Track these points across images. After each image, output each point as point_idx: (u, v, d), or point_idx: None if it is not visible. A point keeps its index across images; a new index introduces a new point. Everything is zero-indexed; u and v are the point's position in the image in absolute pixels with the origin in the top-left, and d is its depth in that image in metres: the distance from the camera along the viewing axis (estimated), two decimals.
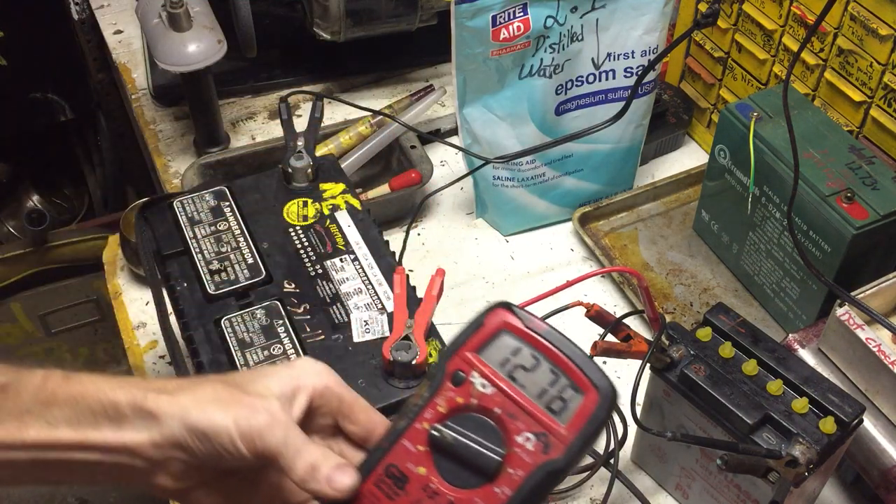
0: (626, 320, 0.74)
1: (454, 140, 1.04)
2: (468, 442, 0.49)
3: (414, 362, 0.68)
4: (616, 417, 0.84)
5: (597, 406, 0.48)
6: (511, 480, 0.48)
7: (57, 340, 1.79)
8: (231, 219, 0.81)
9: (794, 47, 0.99)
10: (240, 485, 0.54)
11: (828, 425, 0.68)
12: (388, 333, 0.72)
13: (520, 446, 0.48)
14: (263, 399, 0.51)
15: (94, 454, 0.50)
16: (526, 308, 0.51)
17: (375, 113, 1.08)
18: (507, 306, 0.50)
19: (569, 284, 0.66)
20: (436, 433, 0.49)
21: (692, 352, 0.73)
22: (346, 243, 0.80)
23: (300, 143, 0.87)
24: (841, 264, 0.85)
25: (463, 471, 0.49)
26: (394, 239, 0.99)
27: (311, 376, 0.54)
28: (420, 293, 0.74)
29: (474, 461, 0.48)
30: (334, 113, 1.20)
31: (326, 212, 0.82)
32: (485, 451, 0.48)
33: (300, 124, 0.93)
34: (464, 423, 0.49)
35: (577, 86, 1.01)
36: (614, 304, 1.02)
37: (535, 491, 0.47)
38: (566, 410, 0.48)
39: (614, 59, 1.00)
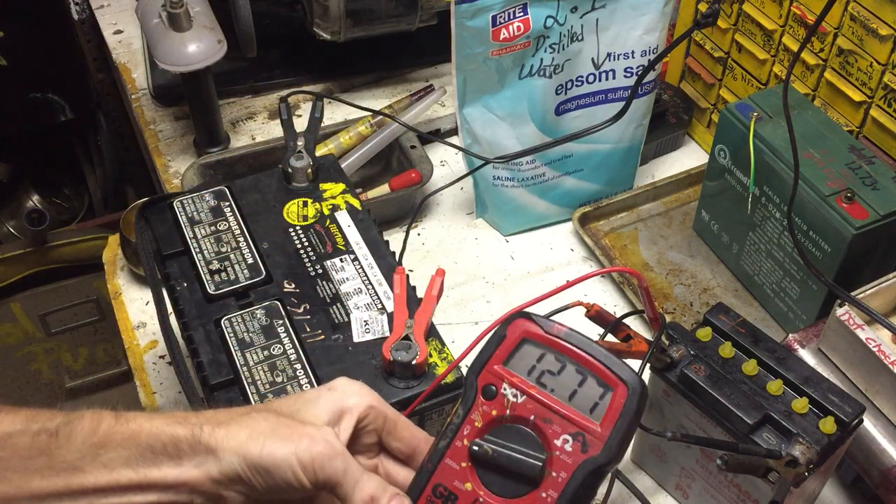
0: (626, 320, 0.74)
1: (454, 140, 1.04)
2: (508, 452, 0.50)
3: (414, 362, 0.68)
4: None
5: (627, 399, 0.49)
6: (555, 483, 0.49)
7: (57, 340, 1.79)
8: (231, 219, 0.81)
9: (794, 47, 0.99)
10: None
11: (828, 425, 0.68)
12: (388, 333, 0.72)
13: (559, 449, 0.50)
14: (319, 429, 0.52)
15: (152, 494, 0.50)
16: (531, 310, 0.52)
17: (375, 113, 1.08)
18: (525, 315, 0.52)
19: (569, 285, 0.66)
20: (476, 448, 0.51)
21: (692, 352, 0.73)
22: (346, 243, 0.80)
23: (300, 143, 0.87)
24: (841, 264, 0.85)
25: (508, 481, 0.50)
26: (394, 239, 0.99)
27: (353, 397, 0.55)
28: (420, 293, 0.74)
29: (517, 469, 0.50)
30: (334, 113, 1.20)
31: (326, 212, 0.82)
32: (526, 458, 0.50)
33: (300, 124, 0.93)
34: (502, 434, 0.51)
35: (577, 86, 1.01)
36: (614, 304, 1.02)
37: (580, 490, 0.49)
38: (598, 408, 0.49)
39: (614, 59, 1.00)
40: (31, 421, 0.50)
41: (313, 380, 0.69)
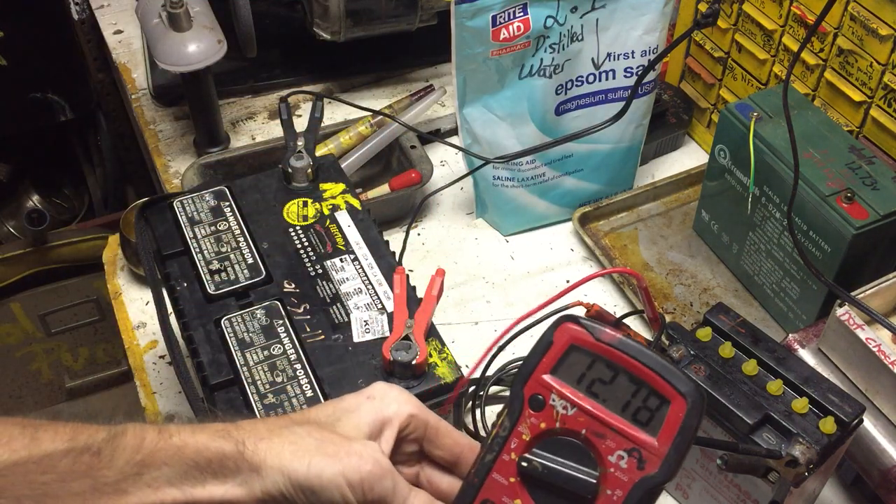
0: (626, 320, 0.74)
1: (454, 140, 1.04)
2: (560, 467, 0.48)
3: (414, 362, 0.68)
4: None
5: (686, 413, 0.46)
6: (610, 501, 0.47)
7: (57, 340, 1.79)
8: (231, 219, 0.81)
9: (794, 47, 0.99)
10: None
11: (828, 425, 0.68)
12: (388, 333, 0.72)
13: (613, 465, 0.47)
14: (365, 444, 0.50)
15: None
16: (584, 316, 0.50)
17: (375, 113, 1.08)
18: (572, 319, 0.49)
19: (571, 288, 0.66)
20: (525, 463, 0.48)
21: (692, 352, 0.73)
22: (346, 243, 0.80)
23: (300, 143, 0.87)
24: (841, 264, 0.85)
25: (559, 498, 0.48)
26: (394, 239, 0.99)
27: (393, 405, 0.53)
28: (420, 293, 0.74)
29: (569, 487, 0.47)
30: (334, 113, 1.20)
31: (326, 212, 0.82)
32: (578, 474, 0.47)
33: (300, 124, 0.93)
34: (552, 448, 0.48)
35: (577, 86, 1.01)
36: (614, 304, 1.02)
37: None
38: (654, 421, 0.46)
39: (614, 59, 1.00)
40: (75, 439, 0.48)
41: (313, 380, 0.69)
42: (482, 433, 0.87)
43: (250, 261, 0.78)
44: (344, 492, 0.48)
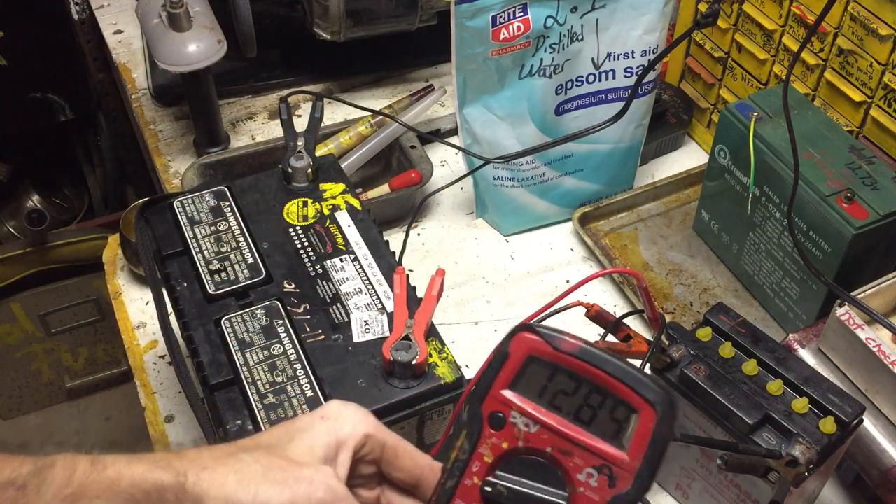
0: (626, 320, 0.74)
1: (454, 140, 1.04)
2: (526, 490, 0.44)
3: (414, 362, 0.68)
4: None
5: (656, 423, 0.42)
6: None
7: (57, 340, 1.79)
8: (231, 219, 0.81)
9: (794, 47, 0.99)
10: None
11: (828, 425, 0.68)
12: (388, 333, 0.72)
13: (583, 484, 0.44)
14: (317, 470, 0.46)
15: None
16: (541, 323, 0.47)
17: (375, 113, 1.08)
18: (528, 329, 0.45)
19: (570, 290, 0.66)
20: (488, 488, 0.45)
21: (692, 352, 0.73)
22: (346, 243, 0.80)
23: (300, 143, 0.87)
24: (841, 264, 0.85)
25: None
26: (394, 239, 0.99)
27: (348, 425, 0.49)
28: (420, 293, 0.74)
29: None
30: (334, 113, 1.20)
31: (326, 212, 0.82)
32: (546, 496, 0.44)
33: (300, 124, 0.93)
34: (516, 469, 0.45)
35: (577, 86, 1.01)
36: (614, 304, 1.02)
37: None
38: (623, 434, 0.43)
39: (614, 59, 1.00)
40: None
41: (313, 380, 0.69)
42: None
43: (250, 261, 0.78)
44: None
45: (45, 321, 1.74)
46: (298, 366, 0.70)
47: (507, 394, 0.45)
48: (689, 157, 1.20)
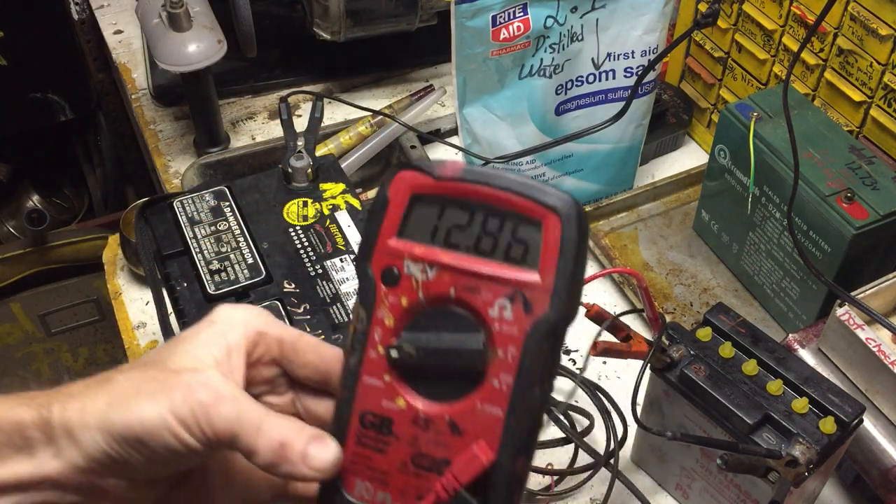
0: (626, 320, 0.74)
1: (454, 140, 1.04)
2: (436, 345, 0.39)
3: None
4: (616, 417, 0.84)
5: (563, 230, 0.37)
6: (506, 365, 0.38)
7: (57, 340, 1.79)
8: (231, 219, 0.81)
9: (794, 47, 0.99)
10: (206, 484, 0.45)
11: (828, 425, 0.68)
12: None
13: (497, 319, 0.38)
14: (196, 373, 0.40)
15: (8, 498, 0.40)
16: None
17: (375, 113, 1.08)
18: (405, 167, 0.40)
19: (586, 255, 0.66)
20: (394, 353, 0.40)
21: (692, 352, 0.73)
22: (346, 243, 0.80)
23: (300, 143, 0.87)
24: (841, 264, 0.85)
25: (447, 380, 0.39)
26: None
27: (236, 326, 0.43)
28: None
29: (453, 362, 0.39)
30: (334, 113, 1.20)
31: (326, 212, 0.82)
32: (460, 345, 0.39)
33: (300, 124, 0.93)
34: (422, 325, 0.40)
35: (577, 86, 1.01)
36: (614, 304, 1.02)
37: (539, 361, 0.38)
38: (530, 252, 0.38)
39: (614, 59, 1.00)
40: None
41: None
42: None
43: (250, 261, 0.78)
44: (176, 431, 0.39)
45: (45, 321, 1.74)
46: None
47: (395, 243, 0.40)
48: (689, 157, 1.20)
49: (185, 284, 0.76)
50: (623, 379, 0.94)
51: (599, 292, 1.03)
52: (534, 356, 0.38)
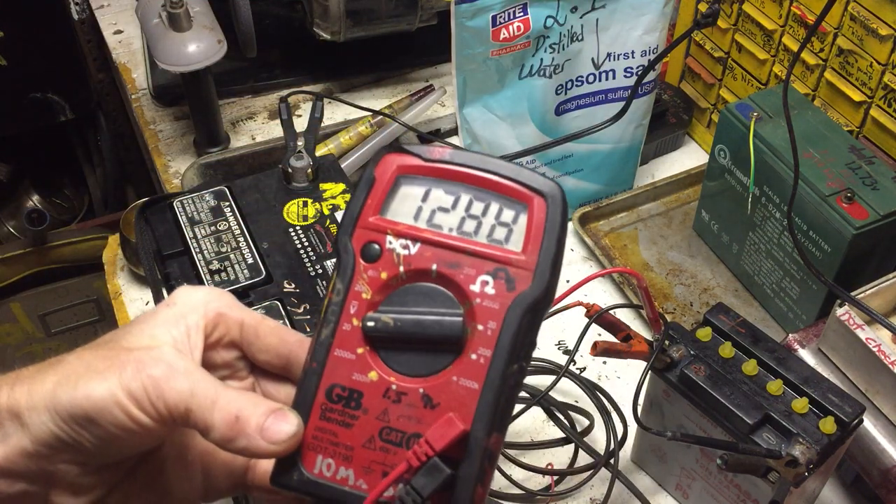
0: (626, 320, 0.74)
1: (454, 140, 1.04)
2: (415, 316, 0.39)
3: None
4: (616, 417, 0.84)
5: (547, 212, 0.39)
6: (486, 338, 0.38)
7: (57, 340, 1.79)
8: (231, 219, 0.81)
9: (794, 47, 0.99)
10: (162, 470, 0.43)
11: (828, 425, 0.68)
12: None
13: (479, 294, 0.39)
14: (149, 349, 0.39)
15: None
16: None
17: (375, 113, 1.08)
18: (394, 149, 0.41)
19: (571, 290, 0.66)
20: (371, 323, 0.39)
21: (692, 352, 0.73)
22: None
23: (300, 143, 0.87)
24: (841, 264, 0.85)
25: (423, 354, 0.39)
26: None
27: (196, 307, 0.42)
28: None
29: (431, 335, 0.38)
30: (334, 113, 1.20)
31: (326, 212, 0.82)
32: (439, 317, 0.38)
33: (300, 124, 0.93)
34: (400, 300, 0.39)
35: (577, 86, 1.01)
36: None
37: (519, 337, 0.38)
38: (514, 233, 0.39)
39: (614, 59, 1.00)
40: None
41: None
42: None
43: (250, 261, 0.78)
44: (126, 407, 0.37)
45: (45, 321, 1.74)
46: None
47: (378, 220, 0.40)
48: (689, 157, 1.20)
49: (186, 284, 0.76)
50: (623, 379, 0.94)
51: (599, 292, 1.03)
52: (513, 331, 0.38)
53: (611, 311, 0.72)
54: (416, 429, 0.39)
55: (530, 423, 0.90)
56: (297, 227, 0.81)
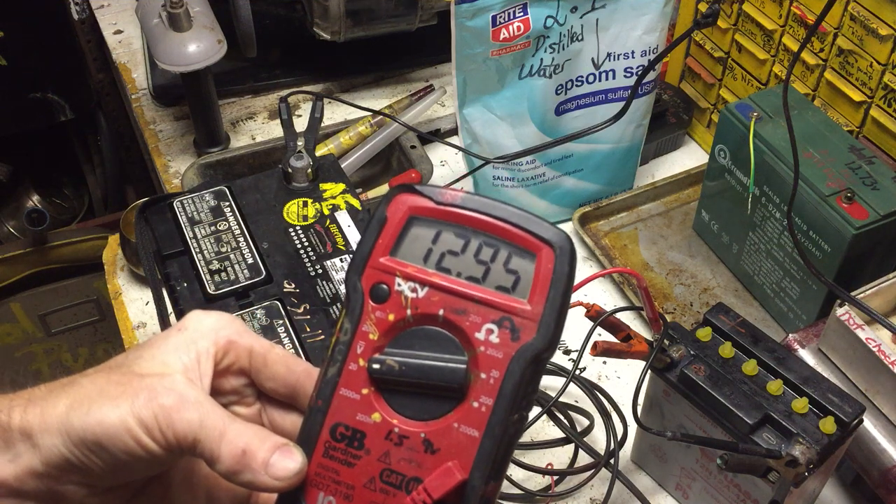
0: (626, 321, 0.74)
1: (454, 140, 1.04)
2: (419, 360, 0.39)
3: None
4: (616, 417, 0.84)
5: (555, 263, 0.39)
6: (488, 387, 0.39)
7: (57, 340, 1.79)
8: (231, 219, 0.81)
9: (794, 47, 0.99)
10: (168, 493, 0.44)
11: (828, 425, 0.68)
12: None
13: (483, 343, 0.39)
14: (161, 377, 0.40)
15: None
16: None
17: (375, 113, 1.08)
18: (406, 188, 0.41)
19: (573, 290, 0.66)
20: (376, 365, 0.39)
21: (692, 352, 0.73)
22: (346, 243, 0.80)
23: (300, 143, 0.87)
24: (841, 264, 0.85)
25: (426, 399, 0.39)
26: None
27: (207, 334, 0.42)
28: None
29: (435, 380, 0.39)
30: (334, 113, 1.20)
31: (326, 212, 0.82)
32: (443, 363, 0.39)
33: (300, 124, 0.93)
34: (406, 342, 0.40)
35: (577, 86, 1.01)
36: (614, 305, 1.02)
37: (521, 387, 0.39)
38: (521, 282, 0.39)
39: (614, 59, 1.00)
40: None
41: None
42: None
43: (250, 261, 0.78)
44: (136, 434, 0.38)
45: (45, 321, 1.74)
46: None
47: (389, 261, 0.40)
48: (689, 157, 1.20)
49: (185, 284, 0.76)
50: (623, 379, 0.94)
51: (599, 292, 1.03)
52: (516, 381, 0.38)
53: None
54: (415, 473, 0.39)
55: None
56: (297, 227, 0.81)
